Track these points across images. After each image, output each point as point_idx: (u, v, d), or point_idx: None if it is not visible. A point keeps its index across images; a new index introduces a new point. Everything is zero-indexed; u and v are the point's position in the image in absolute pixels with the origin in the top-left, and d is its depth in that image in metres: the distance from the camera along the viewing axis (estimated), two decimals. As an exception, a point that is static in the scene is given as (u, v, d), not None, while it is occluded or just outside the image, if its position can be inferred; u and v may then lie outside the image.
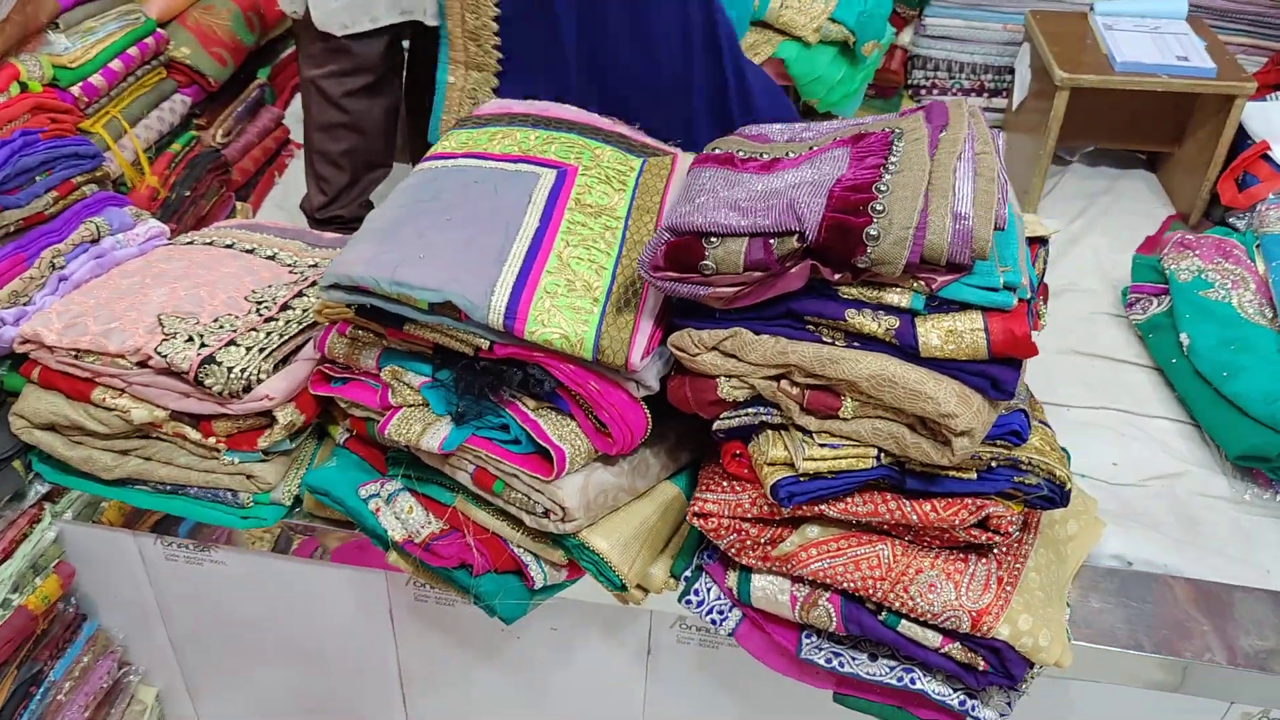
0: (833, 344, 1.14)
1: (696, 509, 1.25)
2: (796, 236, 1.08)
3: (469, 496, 1.30)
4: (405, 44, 2.00)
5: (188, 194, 1.96)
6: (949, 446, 1.10)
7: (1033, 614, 1.18)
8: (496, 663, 1.55)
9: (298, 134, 2.42)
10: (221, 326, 1.38)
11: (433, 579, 1.33)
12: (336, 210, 1.99)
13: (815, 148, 1.32)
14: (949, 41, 2.59)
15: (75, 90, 1.71)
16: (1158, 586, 1.40)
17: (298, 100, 2.58)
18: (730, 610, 1.31)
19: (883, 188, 1.09)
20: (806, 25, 2.11)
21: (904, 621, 1.22)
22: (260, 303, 1.45)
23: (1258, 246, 1.92)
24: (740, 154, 1.37)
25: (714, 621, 1.31)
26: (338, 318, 1.32)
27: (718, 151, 1.38)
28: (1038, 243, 1.32)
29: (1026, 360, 1.12)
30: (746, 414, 1.21)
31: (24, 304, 1.44)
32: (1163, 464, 1.64)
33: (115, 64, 1.81)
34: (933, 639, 1.21)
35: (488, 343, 1.19)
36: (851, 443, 1.16)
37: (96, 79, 1.75)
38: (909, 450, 1.13)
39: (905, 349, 1.11)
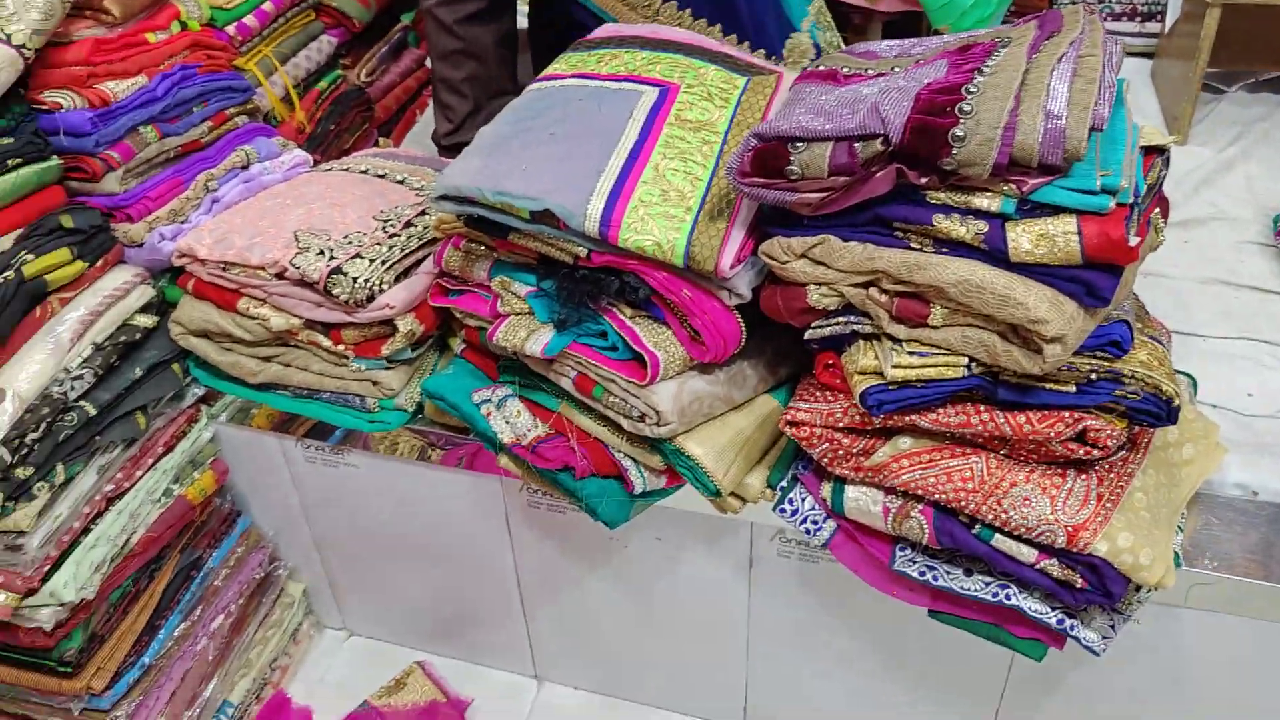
0: (920, 250, 1.13)
1: (789, 417, 1.27)
2: (880, 139, 1.07)
3: (572, 402, 1.36)
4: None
5: (332, 128, 2.09)
6: (1040, 354, 1.08)
7: (1134, 533, 1.15)
8: (606, 571, 1.61)
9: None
10: (350, 242, 1.48)
11: (539, 481, 1.40)
12: (461, 137, 2.08)
13: (920, 60, 1.30)
14: (1102, -39, 2.46)
15: (230, 29, 1.84)
16: (1285, 517, 1.33)
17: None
18: (824, 521, 1.33)
19: (972, 89, 1.07)
20: (941, -55, 2.04)
21: (998, 535, 1.21)
22: (386, 221, 1.54)
23: None
24: (845, 70, 1.36)
25: (808, 531, 1.33)
26: (453, 231, 1.39)
27: (822, 68, 1.38)
28: (1155, 152, 1.26)
29: (1137, 276, 1.08)
30: (837, 322, 1.21)
31: (181, 222, 1.58)
32: (1302, 396, 1.54)
33: (267, 5, 1.94)
34: (1027, 554, 1.19)
35: (586, 251, 1.24)
36: (941, 351, 1.15)
37: (250, 19, 1.89)
38: (1000, 358, 1.11)
39: (995, 254, 1.09)
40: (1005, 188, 1.08)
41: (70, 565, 1.37)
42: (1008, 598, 1.25)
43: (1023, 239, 1.07)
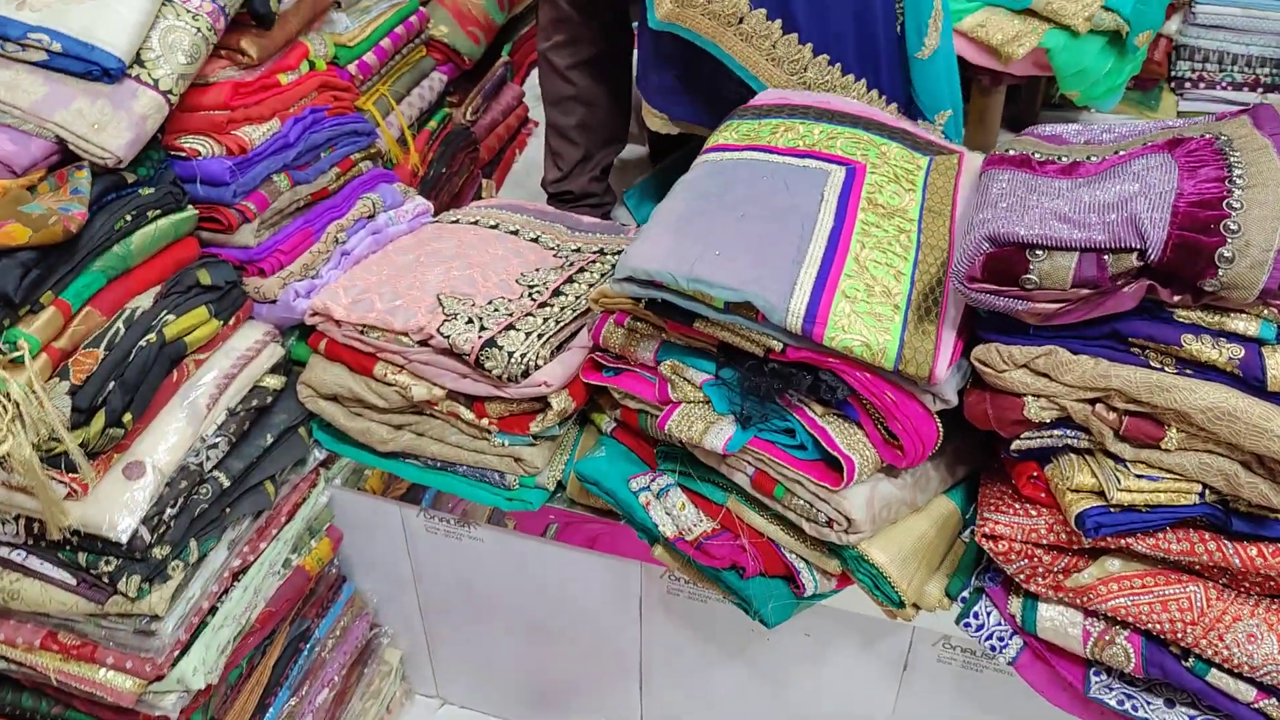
0: (1161, 370, 1.06)
1: (986, 530, 1.20)
2: (1136, 254, 1.00)
3: (742, 498, 1.28)
4: (634, 25, 2.00)
5: (444, 171, 2.01)
6: (1292, 489, 1.01)
7: (1362, 676, 1.08)
8: (741, 660, 1.53)
9: (535, 112, 2.46)
10: (496, 309, 1.40)
11: (698, 577, 1.32)
12: (569, 185, 2.02)
13: (1121, 152, 1.23)
14: (1222, 31, 2.39)
15: (352, 68, 1.76)
16: None
17: (533, 77, 2.62)
18: (1011, 638, 1.25)
19: (1235, 204, 1.00)
20: (1078, 13, 1.97)
21: (1214, 670, 1.13)
22: (531, 286, 1.46)
23: None
24: (1037, 156, 1.29)
25: (993, 648, 1.25)
26: (615, 308, 1.31)
27: (1012, 153, 1.31)
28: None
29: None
30: (1050, 435, 1.14)
31: (312, 277, 1.50)
32: None
33: (385, 42, 1.86)
34: (1246, 692, 1.12)
35: (780, 345, 1.16)
36: (1172, 476, 1.08)
37: (369, 57, 1.81)
38: (1242, 490, 1.04)
39: (1250, 380, 1.02)
40: (1265, 311, 1.01)
41: (199, 649, 1.28)
42: (1215, 734, 1.17)
43: (1284, 368, 1.00)
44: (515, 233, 1.63)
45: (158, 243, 1.32)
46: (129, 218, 1.27)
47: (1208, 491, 1.07)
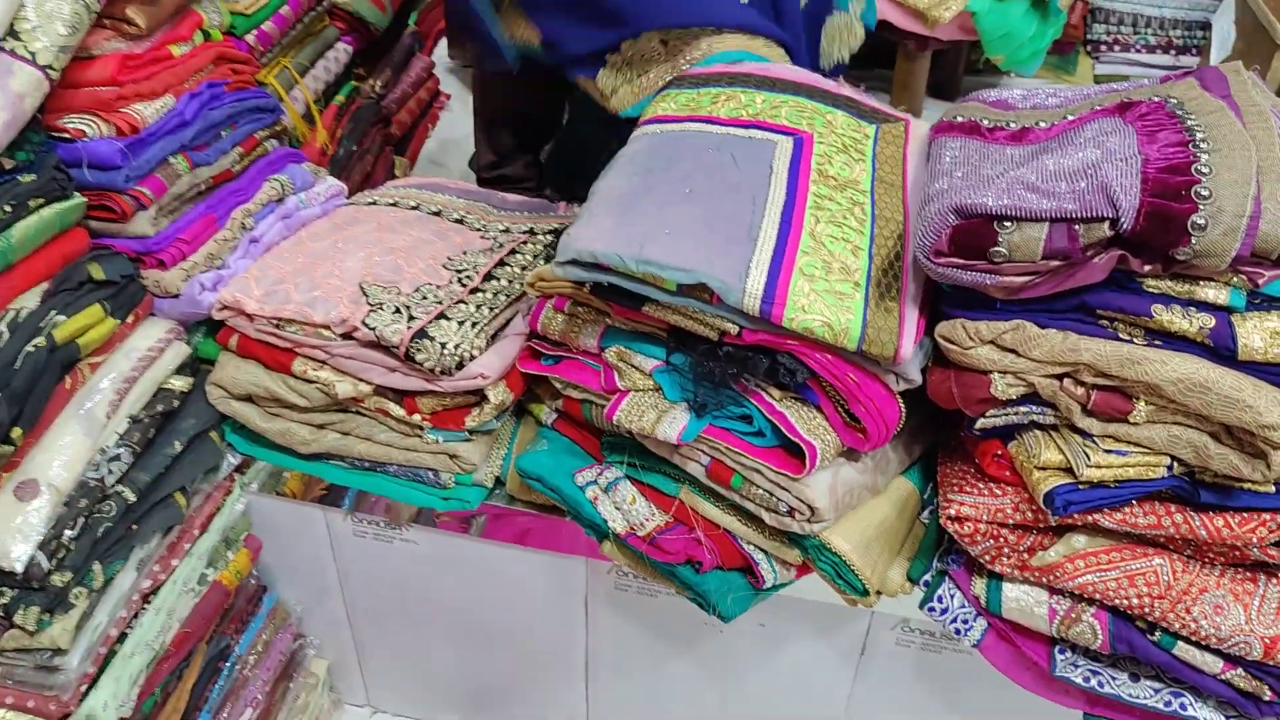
0: (1131, 342, 1.03)
1: (951, 512, 1.16)
2: (1108, 223, 0.96)
3: (695, 488, 1.22)
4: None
5: (354, 149, 1.88)
6: (1263, 460, 0.99)
7: (1327, 642, 1.08)
8: (693, 655, 1.48)
9: (445, 84, 2.34)
10: (425, 297, 1.30)
11: (650, 573, 1.26)
12: (505, 169, 1.91)
13: (1070, 117, 1.20)
14: (1136, -7, 2.41)
15: (250, 38, 1.62)
16: None
17: (441, 47, 2.50)
18: (975, 619, 1.22)
19: (1203, 169, 0.97)
20: (1000, -24, 1.95)
21: (1180, 643, 1.12)
22: (460, 271, 1.37)
23: None
24: (985, 122, 1.25)
25: (958, 631, 1.22)
26: (554, 292, 1.23)
27: (960, 119, 1.27)
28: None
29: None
30: (1015, 412, 1.10)
31: (219, 267, 1.38)
32: None
33: (285, 9, 1.72)
34: (1213, 664, 1.11)
35: (736, 328, 1.09)
36: (1140, 450, 1.05)
37: (269, 25, 1.67)
38: (1211, 461, 1.02)
39: (1220, 350, 0.99)
40: (1235, 279, 0.99)
41: (109, 682, 1.17)
42: (1182, 707, 1.16)
43: (1254, 336, 0.98)
44: (438, 214, 1.53)
45: (42, 235, 1.18)
46: (8, 208, 1.13)
47: (1175, 464, 1.05)
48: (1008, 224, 0.99)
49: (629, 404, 1.18)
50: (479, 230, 1.50)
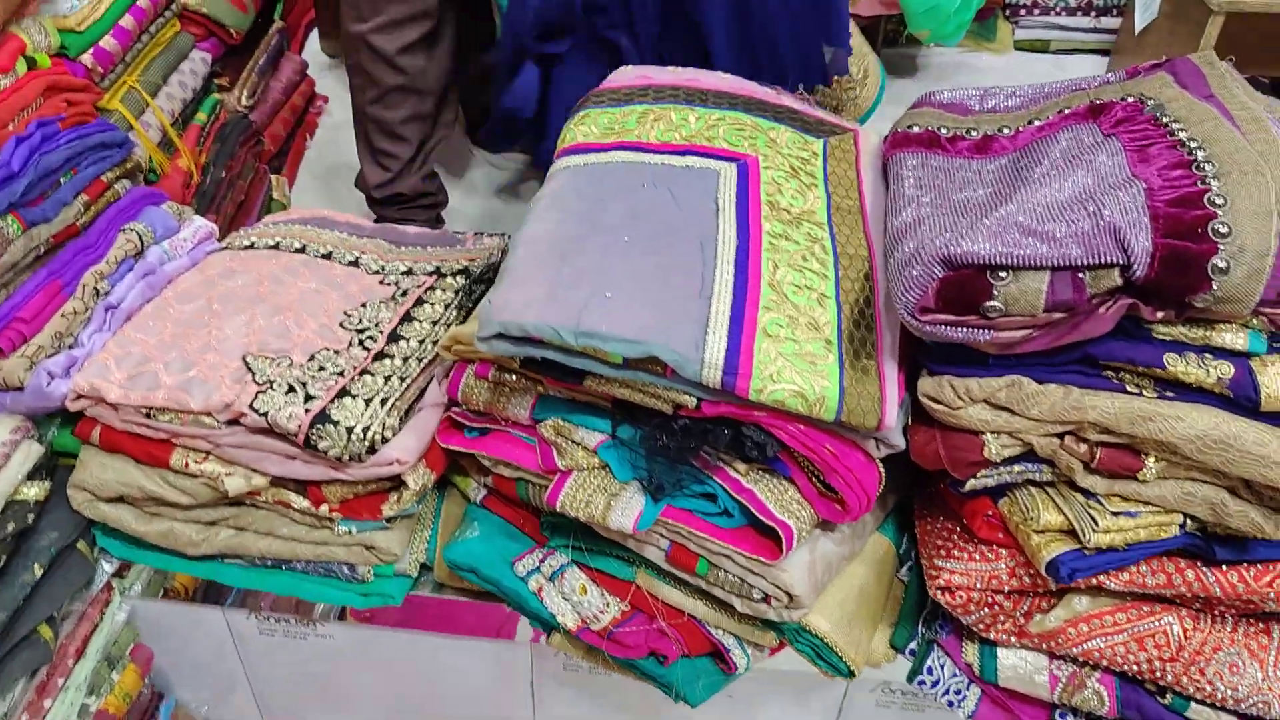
0: (1140, 394, 0.91)
1: (940, 582, 1.04)
2: (1118, 270, 0.84)
3: (653, 570, 1.08)
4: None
5: (224, 175, 1.65)
6: (1288, 516, 0.90)
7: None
8: (652, 729, 1.35)
9: (321, 85, 2.10)
10: (323, 368, 1.12)
11: (608, 665, 1.12)
12: (398, 187, 1.71)
13: (1036, 123, 1.08)
14: (1052, -46, 2.31)
15: (87, 59, 1.39)
16: None
17: (312, 42, 2.26)
18: (969, 688, 1.11)
19: (1216, 199, 0.85)
20: (922, -54, 1.82)
21: (1194, 705, 1.03)
22: (361, 331, 1.19)
23: None
24: (944, 132, 1.13)
25: (950, 703, 1.11)
26: (474, 357, 1.07)
27: (915, 129, 1.14)
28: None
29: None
30: (1009, 471, 0.98)
31: (70, 347, 1.16)
32: None
33: (126, 20, 1.48)
34: (1228, 724, 1.02)
35: (695, 401, 0.95)
36: (1151, 508, 0.95)
37: (108, 41, 1.44)
38: (1230, 519, 0.92)
39: (1241, 401, 0.89)
40: (1254, 321, 0.88)
41: None
42: (1192, 768, 1.07)
43: (1277, 383, 0.88)
44: (328, 256, 1.34)
45: None
46: None
47: (1189, 520, 0.95)
48: (1003, 274, 0.86)
49: (573, 486, 1.03)
50: (378, 273, 1.31)
